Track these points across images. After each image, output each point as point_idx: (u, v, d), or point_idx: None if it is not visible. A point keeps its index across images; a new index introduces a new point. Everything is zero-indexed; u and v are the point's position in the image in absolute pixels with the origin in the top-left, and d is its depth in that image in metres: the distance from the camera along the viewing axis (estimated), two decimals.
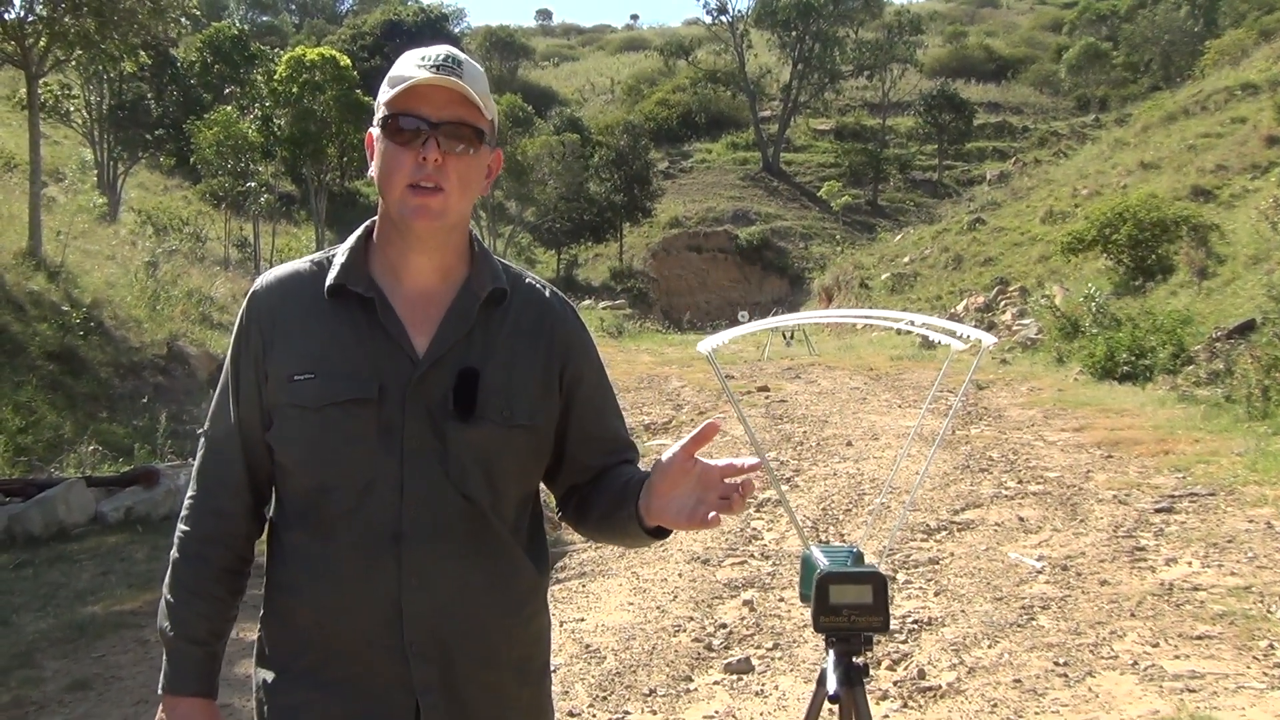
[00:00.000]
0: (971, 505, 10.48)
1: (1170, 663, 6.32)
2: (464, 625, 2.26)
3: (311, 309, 2.32)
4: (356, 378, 2.24)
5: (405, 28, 68.36)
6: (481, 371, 2.27)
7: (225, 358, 2.41)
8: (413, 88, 2.21)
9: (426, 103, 2.21)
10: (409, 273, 2.33)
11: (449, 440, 2.23)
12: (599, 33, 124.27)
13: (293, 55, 38.33)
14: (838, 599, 2.85)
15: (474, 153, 2.27)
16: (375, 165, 2.29)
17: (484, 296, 2.33)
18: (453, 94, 2.22)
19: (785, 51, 69.62)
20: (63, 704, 6.46)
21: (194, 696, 2.33)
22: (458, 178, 2.25)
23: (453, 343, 2.28)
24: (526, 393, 2.32)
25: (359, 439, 2.23)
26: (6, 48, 20.30)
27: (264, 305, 2.36)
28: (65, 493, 11.27)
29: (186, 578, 2.36)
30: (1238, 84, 35.80)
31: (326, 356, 2.27)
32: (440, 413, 2.24)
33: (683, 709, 6.13)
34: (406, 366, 2.25)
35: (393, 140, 2.24)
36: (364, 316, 2.29)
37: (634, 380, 21.18)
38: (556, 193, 51.77)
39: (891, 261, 40.95)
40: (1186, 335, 17.71)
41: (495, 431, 2.26)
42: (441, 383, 2.25)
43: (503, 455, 2.29)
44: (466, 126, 2.24)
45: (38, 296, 18.11)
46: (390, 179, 2.25)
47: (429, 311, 2.31)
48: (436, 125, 2.21)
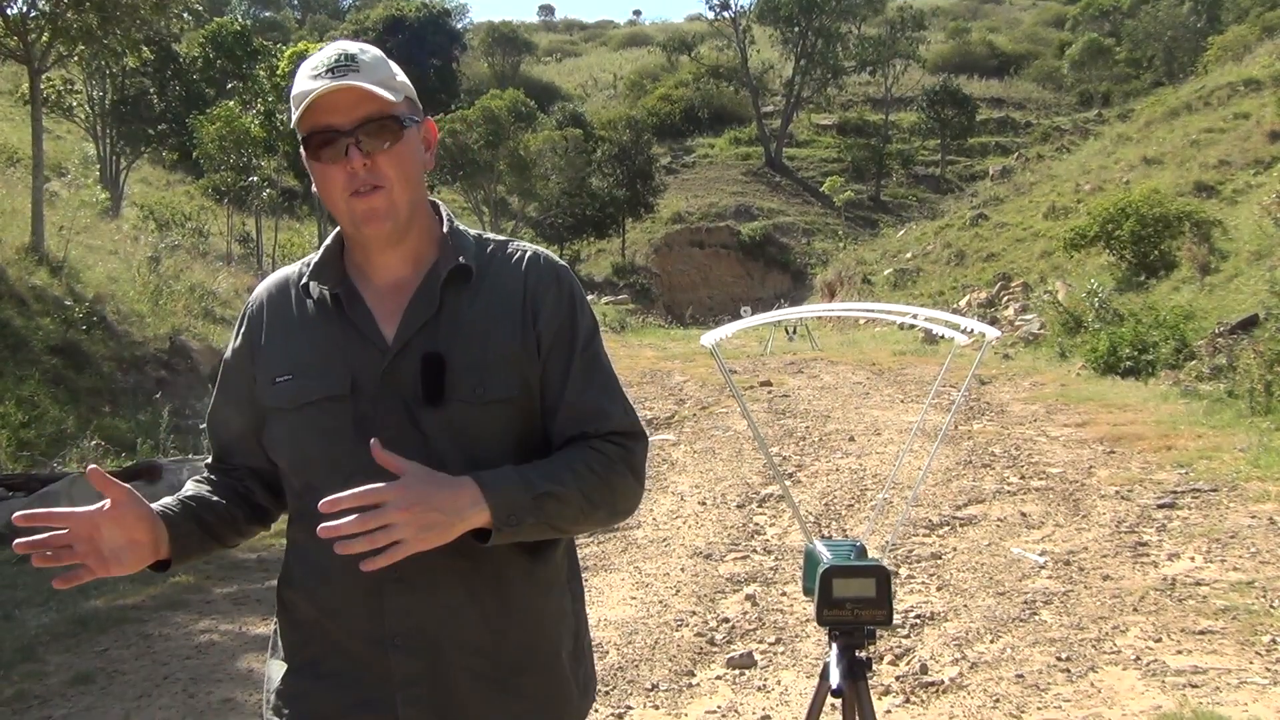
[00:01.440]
0: (974, 501, 10.48)
1: (1173, 658, 6.32)
2: (445, 614, 2.24)
3: (294, 311, 2.36)
4: (329, 375, 2.26)
5: (407, 23, 68.30)
6: (449, 353, 2.24)
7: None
8: (313, 103, 2.18)
9: (333, 112, 2.19)
10: (378, 267, 2.34)
11: (424, 427, 2.22)
12: (601, 28, 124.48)
13: (295, 50, 38.26)
14: (841, 593, 2.86)
15: (400, 141, 2.24)
16: (316, 187, 2.29)
17: (444, 276, 2.31)
18: (355, 93, 2.19)
19: (788, 47, 69.64)
20: (65, 698, 6.46)
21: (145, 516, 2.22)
22: (393, 171, 2.23)
23: (417, 328, 2.26)
24: (505, 366, 2.28)
25: (336, 435, 2.23)
26: (9, 43, 20.30)
27: (255, 310, 2.41)
28: (68, 487, 11.25)
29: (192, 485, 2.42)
30: (1240, 79, 35.78)
31: (302, 356, 2.30)
32: (413, 401, 2.23)
33: (685, 704, 6.13)
34: (376, 358, 2.25)
35: (317, 160, 2.23)
36: (335, 313, 2.31)
37: (636, 375, 21.18)
38: (559, 188, 51.77)
39: (894, 257, 40.97)
40: (1189, 330, 17.70)
41: (469, 410, 2.24)
42: (411, 370, 2.24)
43: (483, 434, 2.25)
44: (381, 120, 2.22)
45: (40, 291, 18.11)
46: (330, 197, 2.25)
47: (397, 300, 2.31)
48: (351, 130, 2.19)
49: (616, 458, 2.31)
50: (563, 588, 2.44)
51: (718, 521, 10.28)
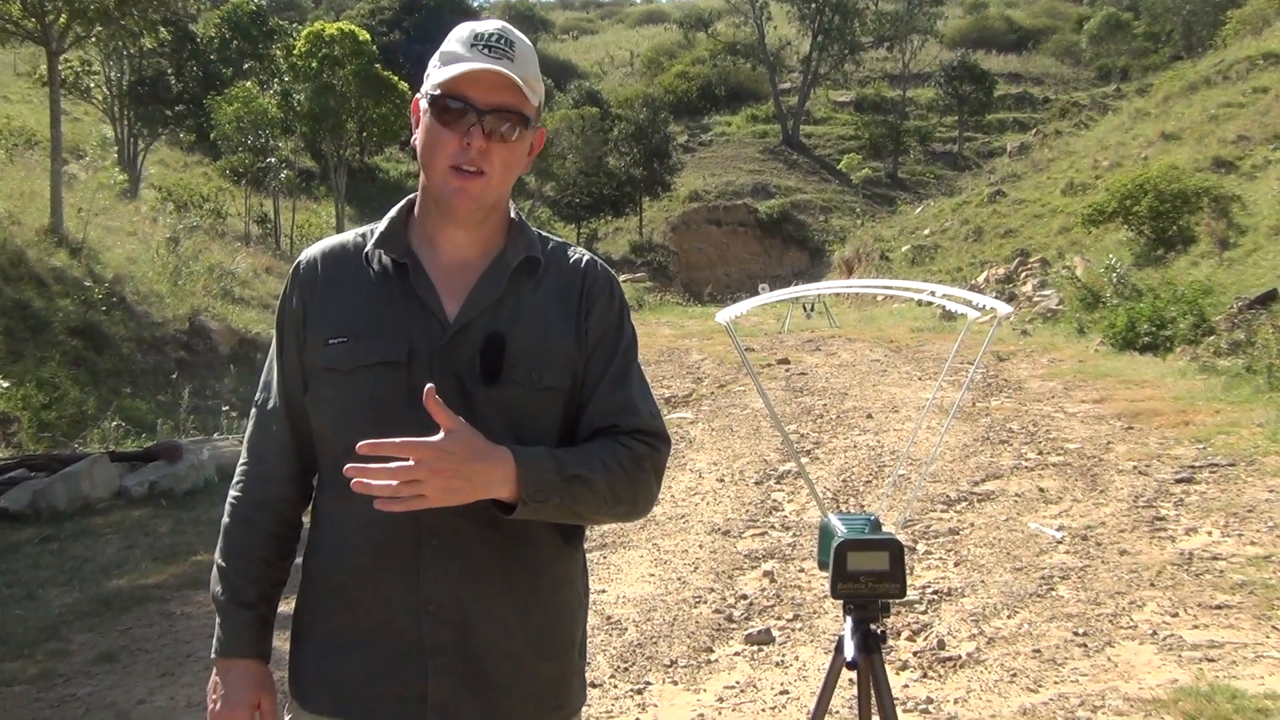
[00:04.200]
0: (992, 476, 10.49)
1: (1189, 632, 6.34)
2: (480, 589, 2.27)
3: (351, 277, 2.37)
4: (387, 341, 2.28)
5: (424, 2, 68.18)
6: (510, 336, 2.29)
7: (254, 334, 2.45)
8: (464, 73, 2.23)
9: (475, 86, 2.24)
10: (445, 244, 2.37)
11: (476, 404, 2.25)
12: (618, 6, 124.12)
13: (312, 30, 38.27)
14: (855, 566, 2.88)
15: (518, 137, 2.29)
16: (419, 137, 2.33)
17: (515, 264, 2.36)
18: (502, 79, 2.24)
19: (805, 23, 69.31)
20: (89, 676, 6.52)
21: (246, 659, 2.39)
22: (500, 162, 2.28)
23: (482, 309, 2.30)
24: (559, 356, 2.33)
25: (386, 401, 2.25)
26: (27, 24, 20.37)
27: (307, 274, 2.41)
28: (89, 468, 11.33)
29: (236, 542, 2.43)
30: (1260, 53, 35.52)
31: (360, 320, 2.31)
32: (469, 377, 2.26)
33: (704, 679, 6.16)
34: (436, 331, 2.28)
35: (439, 120, 2.27)
36: (398, 282, 2.33)
37: (654, 353, 21.19)
38: (576, 167, 51.68)
39: (912, 234, 40.83)
40: (1207, 306, 17.65)
41: (522, 394, 2.28)
42: (469, 348, 2.27)
43: (531, 417, 2.31)
44: (513, 113, 2.27)
45: (60, 273, 18.18)
46: (434, 157, 2.28)
47: (463, 280, 2.34)
48: (483, 111, 2.24)
49: (644, 456, 2.36)
50: (579, 582, 2.49)
51: (736, 498, 10.31)
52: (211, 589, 2.43)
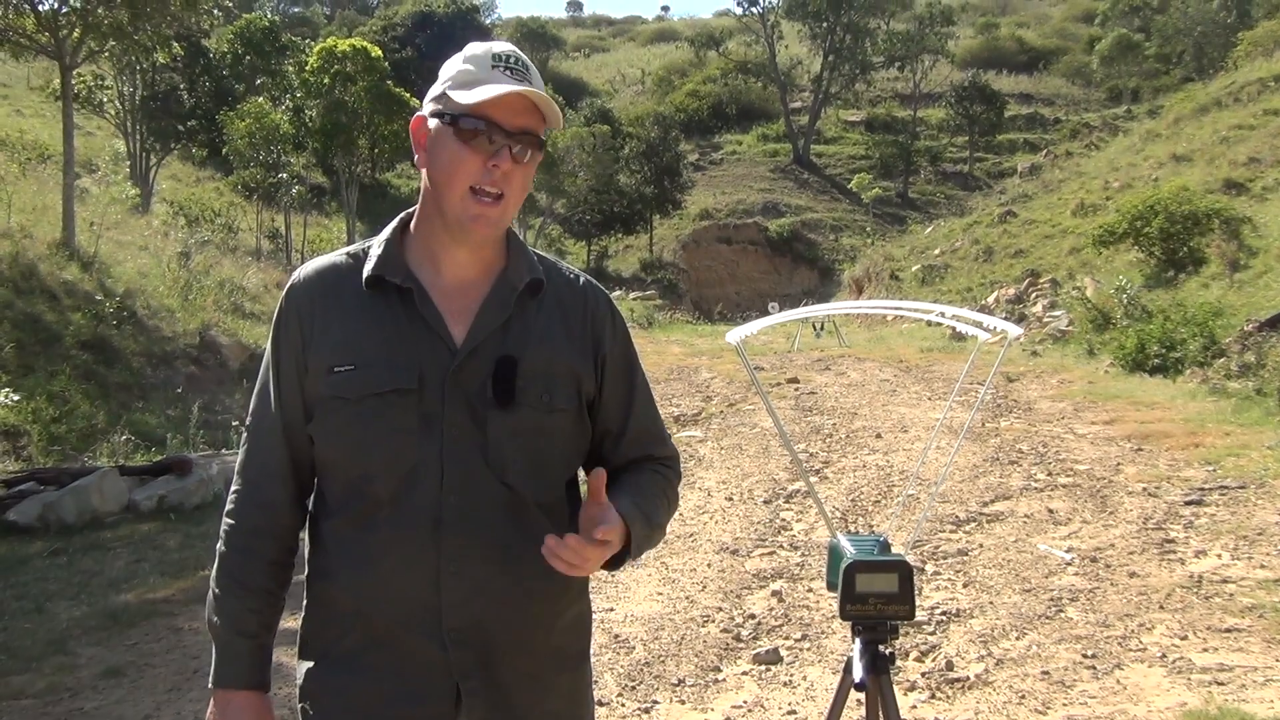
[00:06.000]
0: (1001, 497, 10.47)
1: (1199, 655, 6.32)
2: (502, 612, 2.28)
3: (350, 301, 2.33)
4: (396, 368, 2.26)
5: (436, 19, 68.44)
6: (520, 359, 2.29)
7: (264, 349, 2.42)
8: (499, 94, 2.22)
9: (502, 109, 2.23)
10: (449, 264, 2.35)
11: (489, 428, 2.25)
12: (629, 24, 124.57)
13: (324, 46, 38.39)
14: (864, 587, 2.88)
15: (530, 159, 2.29)
16: (432, 158, 2.31)
17: (521, 287, 2.35)
18: (525, 102, 2.24)
19: (816, 42, 69.54)
20: (96, 690, 6.52)
21: (246, 690, 2.36)
22: (518, 185, 2.29)
23: (490, 331, 2.29)
24: (567, 378, 2.34)
25: (400, 429, 2.25)
26: (41, 39, 20.45)
27: (303, 298, 2.36)
28: (99, 481, 11.34)
29: (234, 571, 2.39)
30: (1271, 75, 35.57)
31: (366, 348, 2.28)
32: (480, 401, 2.26)
33: (711, 699, 6.15)
34: (445, 356, 2.27)
35: (461, 140, 2.24)
36: (402, 307, 2.31)
37: (664, 371, 21.20)
38: (587, 184, 51.67)
39: (922, 253, 40.85)
40: (1218, 327, 17.61)
41: (535, 417, 2.29)
42: (480, 371, 2.27)
43: (545, 440, 2.32)
44: (534, 136, 2.28)
45: (71, 286, 18.23)
46: (453, 178, 2.26)
47: (466, 301, 2.33)
48: (511, 134, 2.24)
49: (673, 481, 2.52)
50: (587, 595, 2.52)
51: (744, 517, 10.29)
52: (207, 617, 2.40)
